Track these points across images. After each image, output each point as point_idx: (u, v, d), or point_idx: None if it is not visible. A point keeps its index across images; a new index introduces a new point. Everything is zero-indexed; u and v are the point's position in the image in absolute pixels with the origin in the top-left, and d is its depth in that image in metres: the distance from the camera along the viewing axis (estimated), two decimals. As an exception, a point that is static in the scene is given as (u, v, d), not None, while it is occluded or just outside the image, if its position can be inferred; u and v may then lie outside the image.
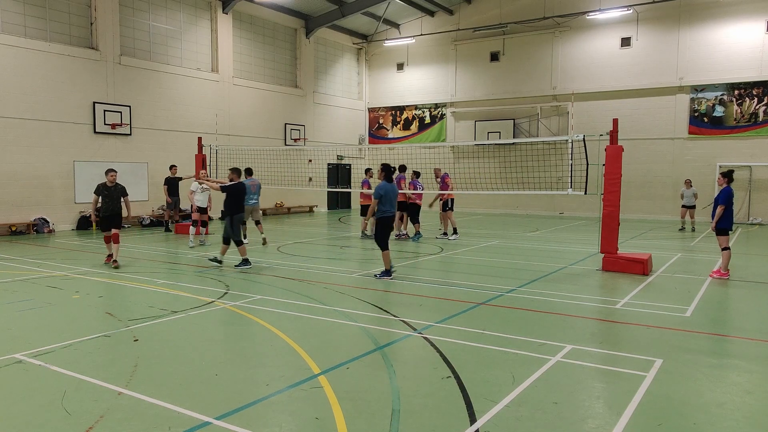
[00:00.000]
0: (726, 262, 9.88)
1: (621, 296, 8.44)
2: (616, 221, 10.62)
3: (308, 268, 10.68)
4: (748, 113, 21.12)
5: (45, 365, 5.24)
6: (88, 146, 17.91)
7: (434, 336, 6.23)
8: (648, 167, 22.74)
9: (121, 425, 4.02)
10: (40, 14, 16.93)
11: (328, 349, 5.79)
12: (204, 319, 7.02)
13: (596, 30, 23.73)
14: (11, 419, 4.14)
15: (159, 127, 19.95)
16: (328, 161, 26.98)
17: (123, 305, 7.74)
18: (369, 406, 4.36)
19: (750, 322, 7.24)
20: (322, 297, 8.27)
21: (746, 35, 20.95)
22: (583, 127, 22.56)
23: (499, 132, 25.50)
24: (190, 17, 21.24)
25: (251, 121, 23.44)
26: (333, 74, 28.07)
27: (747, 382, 4.98)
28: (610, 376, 5.16)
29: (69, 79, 17.37)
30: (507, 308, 7.67)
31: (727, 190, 9.91)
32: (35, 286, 8.91)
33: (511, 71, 25.78)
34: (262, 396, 4.57)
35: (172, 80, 20.41)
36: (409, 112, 28.83)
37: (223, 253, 10.73)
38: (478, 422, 4.09)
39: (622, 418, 4.18)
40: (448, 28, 26.91)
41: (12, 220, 16.26)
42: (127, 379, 4.89)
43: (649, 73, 22.72)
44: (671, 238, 16.27)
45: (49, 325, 6.76)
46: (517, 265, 11.27)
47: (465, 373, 5.07)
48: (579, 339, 6.16)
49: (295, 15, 25.05)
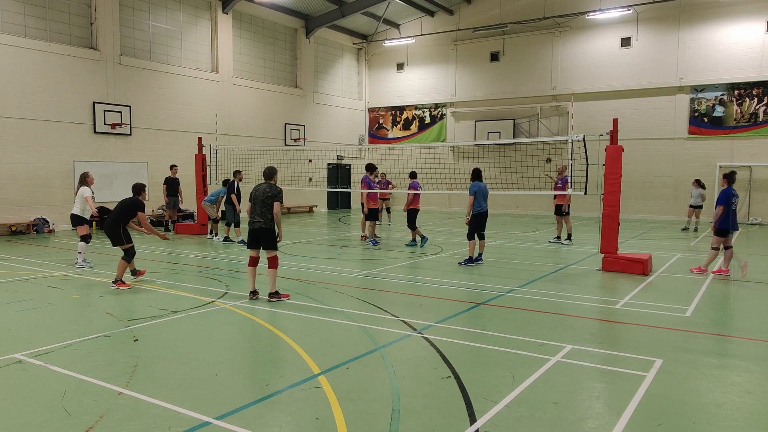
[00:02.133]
0: (709, 261, 10.24)
1: (621, 296, 8.44)
2: (616, 221, 10.61)
3: (308, 268, 10.67)
4: (748, 113, 21.11)
5: (45, 365, 5.24)
6: (88, 146, 17.91)
7: (434, 336, 6.23)
8: (648, 167, 22.73)
9: (121, 425, 4.02)
10: (40, 14, 16.93)
11: (328, 349, 5.79)
12: (204, 319, 7.01)
13: (596, 30, 23.73)
14: (11, 419, 4.14)
15: (159, 127, 19.95)
16: (328, 161, 26.98)
17: (123, 305, 7.74)
18: (369, 406, 4.36)
19: (750, 322, 7.24)
20: (322, 297, 8.26)
21: (746, 35, 20.95)
22: (583, 127, 22.55)
23: (499, 132, 25.50)
24: (190, 17, 21.24)
25: (251, 121, 23.44)
26: (333, 74, 28.07)
27: (747, 382, 4.98)
28: (610, 376, 5.16)
29: (69, 79, 17.37)
30: (507, 308, 7.67)
31: (727, 191, 9.96)
32: (35, 286, 8.91)
33: (511, 71, 25.78)
34: (262, 396, 4.57)
35: (172, 80, 20.41)
36: (409, 112, 28.83)
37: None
38: (478, 422, 4.09)
39: (622, 418, 4.18)
40: (448, 28, 26.91)
41: (12, 220, 16.26)
42: (127, 379, 4.89)
43: (649, 73, 22.71)
44: (671, 238, 16.27)
45: (49, 325, 6.76)
46: (517, 265, 11.27)
47: (465, 373, 5.07)
48: (579, 339, 6.16)
49: (295, 15, 25.05)
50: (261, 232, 7.97)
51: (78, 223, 10.67)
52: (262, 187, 8.08)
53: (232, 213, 14.45)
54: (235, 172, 14.89)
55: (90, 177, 10.97)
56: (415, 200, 13.91)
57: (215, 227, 15.44)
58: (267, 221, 7.95)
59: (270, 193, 7.98)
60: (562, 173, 14.05)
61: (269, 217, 7.95)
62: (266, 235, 7.99)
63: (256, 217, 7.98)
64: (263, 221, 7.94)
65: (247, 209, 8.27)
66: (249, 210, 8.16)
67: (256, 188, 8.17)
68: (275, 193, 7.99)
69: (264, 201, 7.96)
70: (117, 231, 8.96)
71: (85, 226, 10.67)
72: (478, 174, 11.31)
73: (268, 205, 7.95)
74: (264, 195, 7.98)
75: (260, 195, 8.01)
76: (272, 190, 8.02)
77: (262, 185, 8.13)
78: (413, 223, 13.91)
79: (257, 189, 8.12)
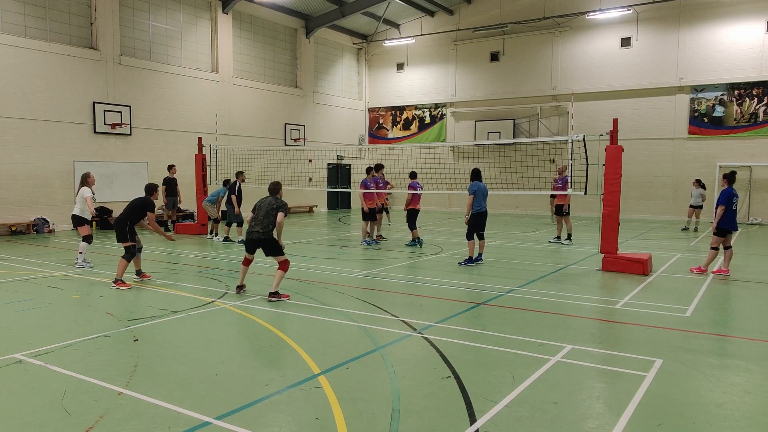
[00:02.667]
0: (709, 261, 10.23)
1: (621, 296, 8.44)
2: (616, 221, 10.61)
3: (308, 268, 10.67)
4: (748, 113, 21.11)
5: (45, 365, 5.24)
6: (88, 146, 17.91)
7: (434, 336, 6.23)
8: (648, 167, 22.73)
9: (121, 425, 4.02)
10: (40, 14, 16.92)
11: (328, 349, 5.79)
12: (204, 319, 7.01)
13: (596, 30, 23.73)
14: (11, 419, 4.14)
15: (159, 127, 19.95)
16: (328, 161, 26.98)
17: (123, 305, 7.74)
18: (369, 406, 4.36)
19: (750, 322, 7.24)
20: (322, 297, 8.27)
21: (746, 35, 20.95)
22: (583, 127, 22.55)
23: (499, 132, 25.50)
24: (190, 17, 21.24)
25: (251, 121, 23.44)
26: (333, 74, 28.07)
27: (747, 382, 4.98)
28: (610, 376, 5.16)
29: (69, 79, 17.37)
30: (507, 308, 7.67)
31: (728, 191, 9.96)
32: (35, 286, 8.91)
33: (511, 71, 25.78)
34: (262, 396, 4.57)
35: (172, 80, 20.41)
36: (409, 112, 28.83)
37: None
38: (478, 422, 4.09)
39: (622, 418, 4.18)
40: (448, 28, 26.91)
41: (12, 220, 16.26)
42: (127, 379, 4.89)
43: (649, 73, 22.71)
44: (671, 238, 16.27)
45: (49, 325, 6.76)
46: (517, 265, 11.27)
47: (465, 373, 5.07)
48: (579, 339, 6.16)
49: (295, 15, 25.05)
50: (260, 242, 8.07)
51: (79, 223, 10.67)
52: (268, 200, 8.22)
53: (233, 213, 14.47)
54: (238, 173, 14.90)
55: (91, 178, 10.97)
56: (415, 200, 13.81)
57: (215, 227, 15.44)
58: (266, 232, 8.03)
59: (275, 205, 8.12)
60: (563, 173, 14.08)
61: (270, 228, 8.04)
62: (267, 245, 8.08)
63: (257, 227, 8.04)
64: (263, 232, 8.01)
65: (248, 219, 8.31)
66: (250, 219, 8.21)
67: (261, 201, 8.29)
68: (280, 205, 8.14)
69: (268, 212, 8.05)
70: (123, 227, 9.00)
71: (86, 227, 10.67)
72: (477, 174, 11.43)
73: (271, 216, 8.02)
74: (269, 206, 8.10)
75: (265, 206, 8.14)
76: (277, 202, 8.18)
77: (268, 198, 8.26)
78: (413, 223, 13.84)
79: (262, 201, 8.26)
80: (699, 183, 18.17)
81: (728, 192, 9.95)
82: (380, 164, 14.87)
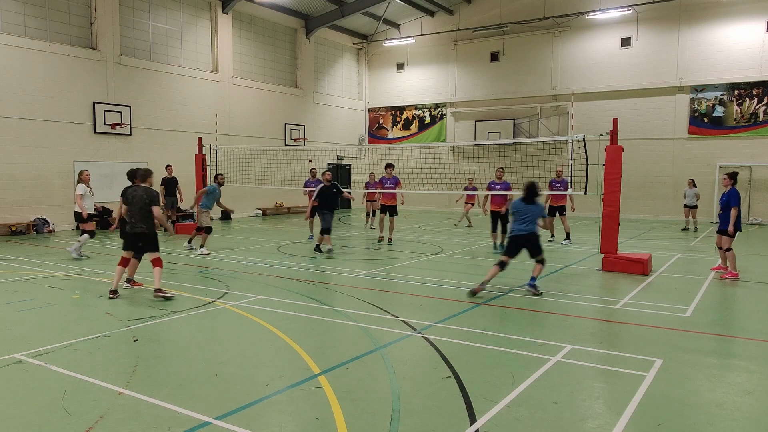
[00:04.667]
0: (732, 263, 9.85)
1: (621, 296, 8.44)
2: (616, 221, 10.62)
3: (308, 268, 10.68)
4: (748, 113, 21.11)
5: (45, 365, 5.24)
6: (88, 146, 17.91)
7: (434, 336, 6.23)
8: (648, 167, 22.73)
9: (121, 425, 4.02)
10: (40, 14, 16.92)
11: (328, 349, 5.79)
12: (204, 319, 7.01)
13: (596, 30, 23.73)
14: (11, 419, 4.14)
15: (159, 127, 19.94)
16: (328, 161, 26.96)
17: (123, 305, 7.74)
18: (369, 406, 4.36)
19: (750, 322, 7.24)
20: (322, 297, 8.27)
21: (746, 35, 20.95)
22: (583, 127, 22.53)
23: (499, 132, 25.50)
24: (190, 17, 21.23)
25: (251, 121, 23.43)
26: (333, 74, 28.06)
27: (747, 382, 4.98)
28: (610, 376, 5.16)
29: (69, 79, 17.37)
30: (507, 308, 7.67)
31: (737, 191, 9.78)
32: (35, 286, 8.91)
33: (511, 71, 25.77)
34: (262, 396, 4.57)
35: (172, 80, 20.41)
36: (409, 112, 28.82)
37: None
38: (478, 422, 4.09)
39: (622, 418, 4.18)
40: (448, 28, 26.90)
41: (12, 220, 16.26)
42: (127, 379, 4.89)
43: (649, 73, 22.71)
44: (671, 238, 16.27)
45: (49, 325, 6.76)
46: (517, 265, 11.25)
47: (465, 373, 5.07)
48: (579, 339, 6.16)
49: (295, 15, 25.04)
50: (143, 236, 8.09)
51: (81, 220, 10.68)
52: (139, 193, 8.06)
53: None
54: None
55: (84, 174, 10.99)
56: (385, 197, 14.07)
57: (204, 238, 12.71)
58: (149, 227, 8.07)
59: (147, 200, 8.02)
60: (560, 176, 14.18)
61: (152, 223, 8.05)
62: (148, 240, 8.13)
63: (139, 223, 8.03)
64: (146, 227, 8.05)
65: (123, 211, 8.25)
66: (125, 211, 8.19)
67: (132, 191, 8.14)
68: (152, 198, 8.04)
69: (143, 207, 8.00)
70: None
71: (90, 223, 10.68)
72: (531, 189, 8.76)
73: (146, 210, 8.01)
74: (142, 201, 8.00)
75: (137, 200, 8.01)
76: (149, 195, 8.06)
77: (139, 190, 8.09)
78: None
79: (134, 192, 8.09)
80: (693, 183, 18.23)
81: (738, 192, 9.77)
82: (390, 163, 14.68)
